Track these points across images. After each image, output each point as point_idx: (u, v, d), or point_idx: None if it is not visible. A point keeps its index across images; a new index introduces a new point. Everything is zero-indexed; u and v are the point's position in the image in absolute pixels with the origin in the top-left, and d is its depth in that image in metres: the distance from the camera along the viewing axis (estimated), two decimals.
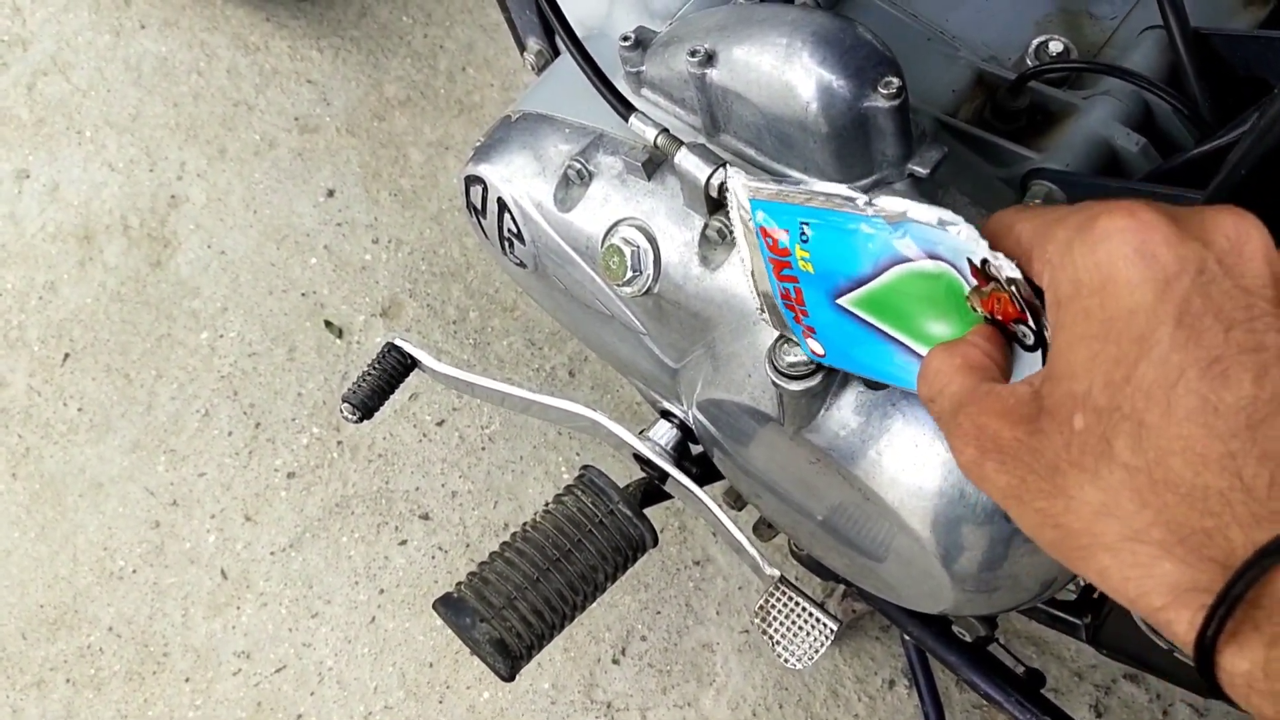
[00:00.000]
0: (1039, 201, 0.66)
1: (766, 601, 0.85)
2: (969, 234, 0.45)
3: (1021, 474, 0.41)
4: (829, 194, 0.50)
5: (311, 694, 1.37)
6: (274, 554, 1.44)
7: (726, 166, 0.64)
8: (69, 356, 1.56)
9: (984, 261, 0.45)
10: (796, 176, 0.65)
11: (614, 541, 0.81)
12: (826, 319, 0.55)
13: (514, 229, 0.79)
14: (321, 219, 1.62)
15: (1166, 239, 0.38)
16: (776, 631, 0.85)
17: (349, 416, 0.88)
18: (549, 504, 0.83)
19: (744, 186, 0.54)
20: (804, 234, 0.52)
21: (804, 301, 0.55)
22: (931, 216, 0.46)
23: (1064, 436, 0.40)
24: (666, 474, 0.83)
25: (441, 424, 1.49)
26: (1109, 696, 1.29)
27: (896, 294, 0.50)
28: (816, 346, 0.58)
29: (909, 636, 0.98)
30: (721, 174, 0.64)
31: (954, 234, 0.45)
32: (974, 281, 0.46)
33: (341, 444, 1.49)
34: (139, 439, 1.50)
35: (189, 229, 1.62)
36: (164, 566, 1.44)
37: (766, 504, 0.83)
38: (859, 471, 0.64)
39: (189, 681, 1.38)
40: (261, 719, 1.36)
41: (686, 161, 0.65)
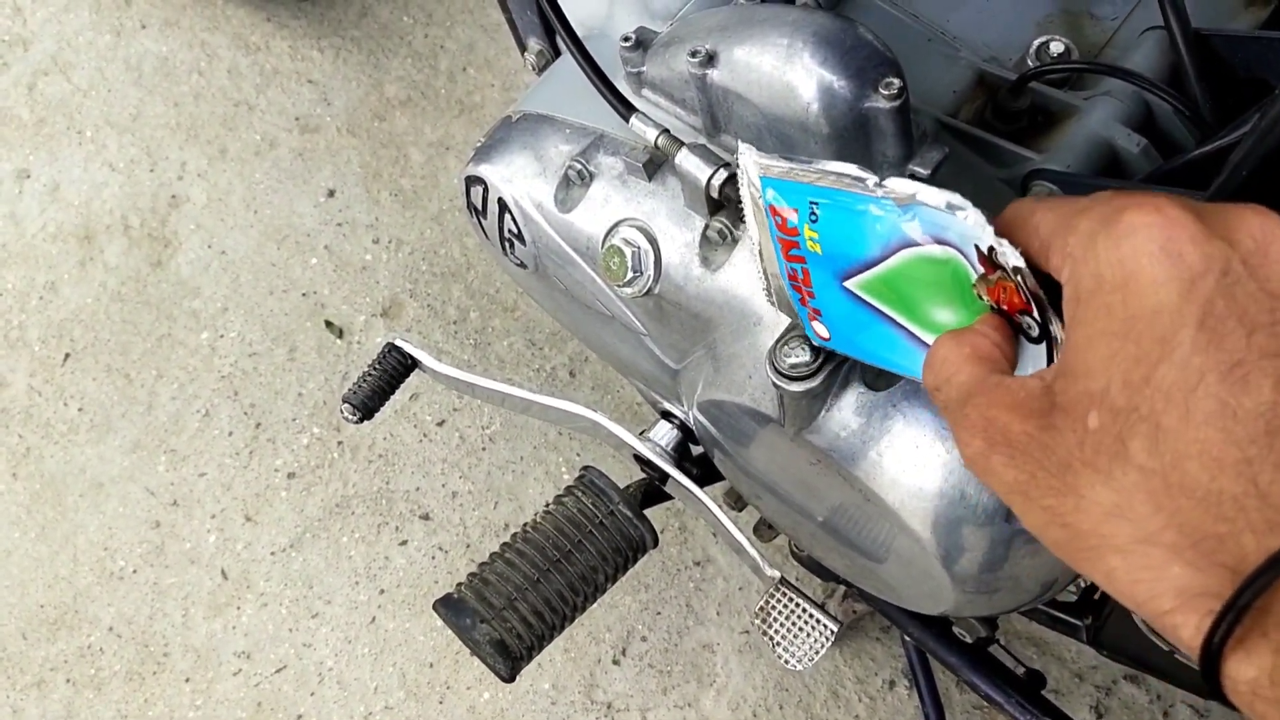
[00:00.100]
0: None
1: (767, 602, 0.85)
2: (976, 219, 0.45)
3: (1030, 470, 0.40)
4: (840, 173, 0.49)
5: (312, 694, 1.37)
6: (274, 554, 1.44)
7: (739, 144, 0.64)
8: (69, 356, 1.56)
9: (991, 249, 0.44)
10: (807, 155, 0.64)
11: (614, 542, 0.81)
12: (833, 302, 0.55)
13: (514, 229, 0.79)
14: (322, 219, 1.62)
15: (1193, 237, 0.38)
16: (777, 632, 0.85)
17: (349, 417, 0.88)
18: (549, 505, 0.83)
19: (755, 163, 0.53)
20: (813, 214, 0.51)
21: (811, 283, 0.55)
22: (940, 200, 0.46)
23: (1077, 434, 0.39)
24: (667, 475, 0.83)
25: (442, 424, 1.49)
26: (1110, 698, 1.29)
27: (903, 279, 0.50)
28: (822, 330, 0.58)
29: (909, 637, 0.97)
30: (723, 174, 0.64)
31: (962, 219, 0.45)
32: (981, 269, 0.46)
33: (342, 444, 1.49)
34: (139, 439, 1.50)
35: (189, 229, 1.62)
36: (164, 566, 1.44)
37: (767, 505, 0.83)
38: (859, 472, 0.64)
39: (189, 681, 1.38)
40: (262, 719, 1.36)
41: (687, 162, 0.65)
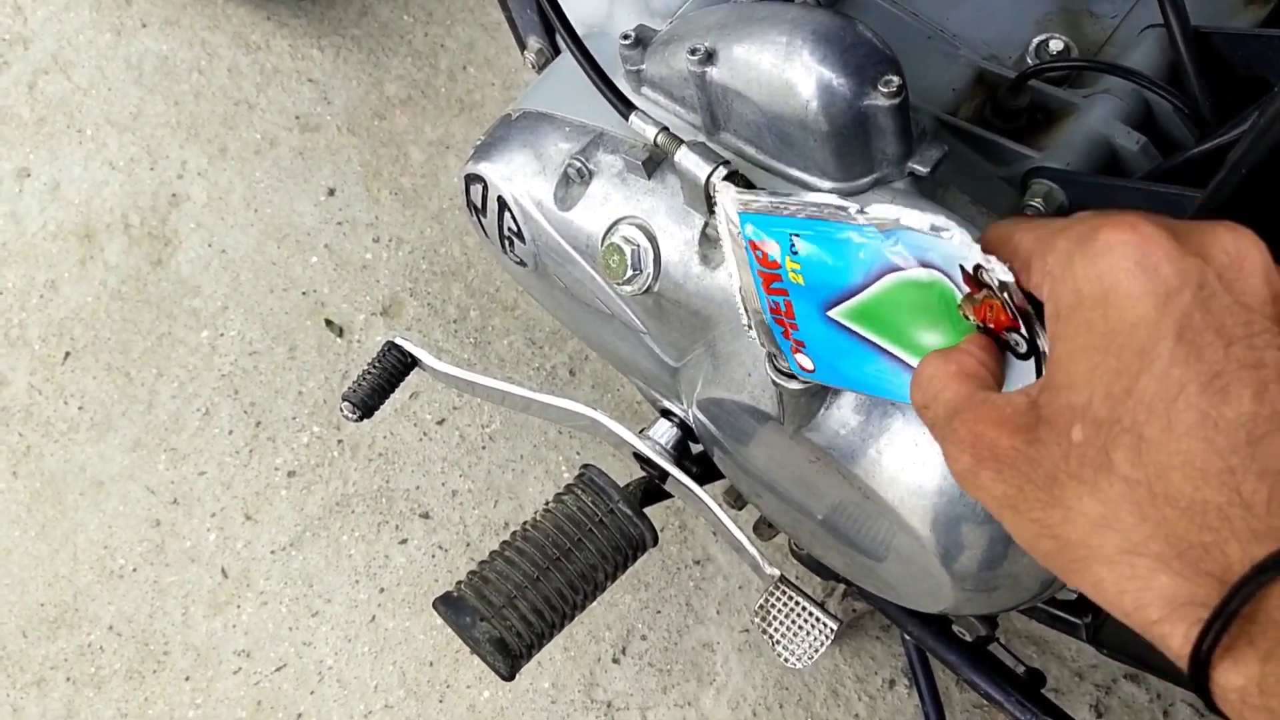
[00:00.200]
0: (1039, 200, 0.65)
1: (767, 601, 0.85)
2: (962, 239, 0.45)
3: (1018, 484, 0.41)
4: (821, 204, 0.49)
5: (311, 693, 1.37)
6: (274, 553, 1.44)
7: (715, 181, 0.63)
8: (70, 355, 1.56)
9: (976, 267, 0.44)
10: (786, 188, 0.64)
11: (614, 540, 0.81)
12: (816, 332, 0.54)
13: (514, 227, 0.79)
14: (322, 218, 1.62)
15: (1168, 253, 0.38)
16: (777, 631, 0.85)
17: (349, 415, 0.88)
18: (549, 503, 0.83)
19: (733, 200, 0.53)
20: (794, 246, 0.51)
21: (794, 315, 0.54)
22: (924, 223, 0.46)
23: (1062, 448, 0.39)
24: (667, 473, 0.83)
25: (442, 423, 1.49)
26: (1109, 696, 1.29)
27: (888, 304, 0.50)
28: (805, 362, 0.57)
29: (909, 636, 0.97)
30: (723, 171, 0.64)
31: (947, 239, 0.45)
32: (966, 289, 0.46)
33: (342, 443, 1.49)
34: (139, 437, 1.51)
35: (190, 228, 1.62)
36: (164, 565, 1.44)
37: (766, 503, 0.83)
38: (859, 470, 0.64)
39: (189, 680, 1.38)
40: (262, 718, 1.36)
41: (686, 160, 0.65)
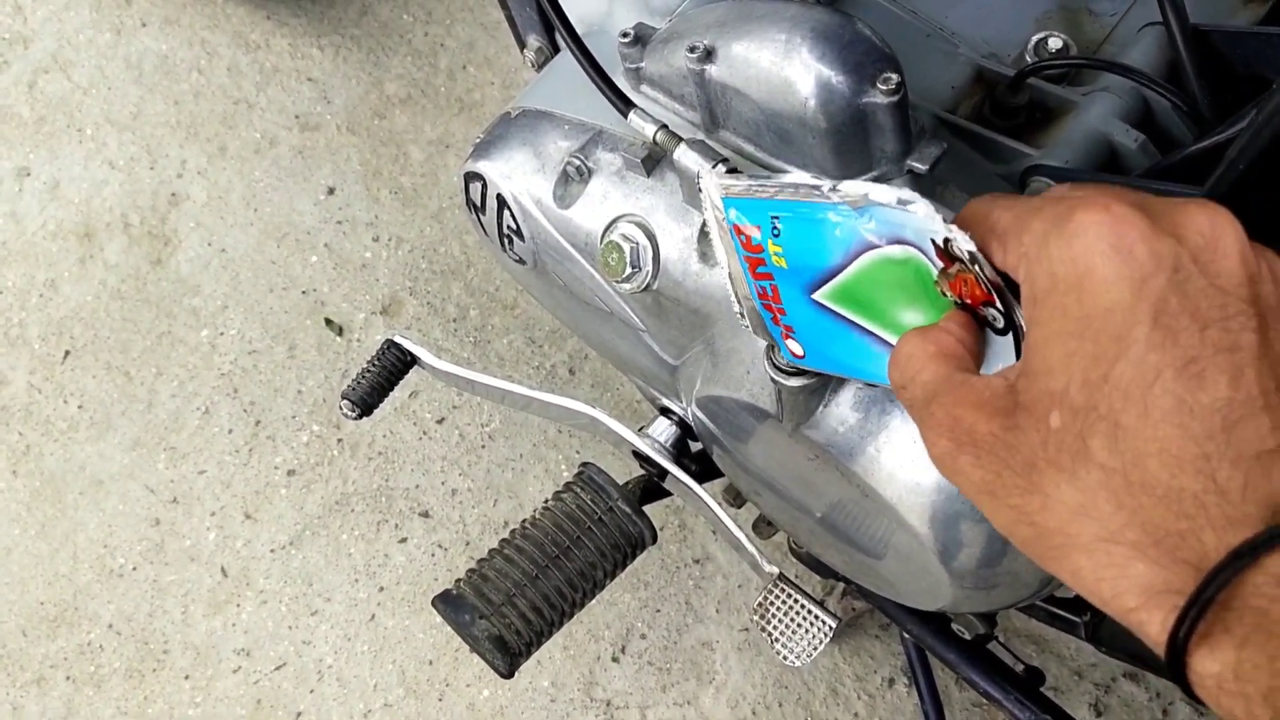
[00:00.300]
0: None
1: (766, 599, 0.85)
2: (926, 211, 0.45)
3: (997, 469, 0.41)
4: (796, 184, 0.50)
5: (311, 691, 1.37)
6: (274, 551, 1.44)
7: (700, 170, 0.63)
8: (69, 354, 1.56)
9: (946, 241, 0.44)
10: (766, 172, 0.64)
11: (613, 539, 0.81)
12: (803, 316, 0.55)
13: (513, 225, 0.79)
14: (322, 217, 1.62)
15: (1142, 235, 0.38)
16: (776, 629, 0.85)
17: (349, 414, 0.88)
18: (548, 501, 0.83)
19: (716, 185, 0.53)
20: (775, 228, 0.52)
21: (780, 299, 0.55)
22: (891, 197, 0.46)
23: (1040, 434, 0.39)
24: (666, 471, 0.83)
25: (441, 422, 1.49)
26: (1109, 695, 1.29)
27: (868, 283, 0.50)
28: (796, 347, 0.58)
29: (908, 634, 0.98)
30: (722, 169, 0.64)
31: (913, 212, 0.45)
32: (940, 263, 0.46)
33: (341, 441, 1.49)
34: (139, 436, 1.51)
35: (189, 227, 1.62)
36: (164, 564, 1.44)
37: (766, 501, 0.83)
38: (857, 468, 0.64)
39: (189, 679, 1.38)
40: (261, 716, 1.36)
41: (685, 157, 0.65)
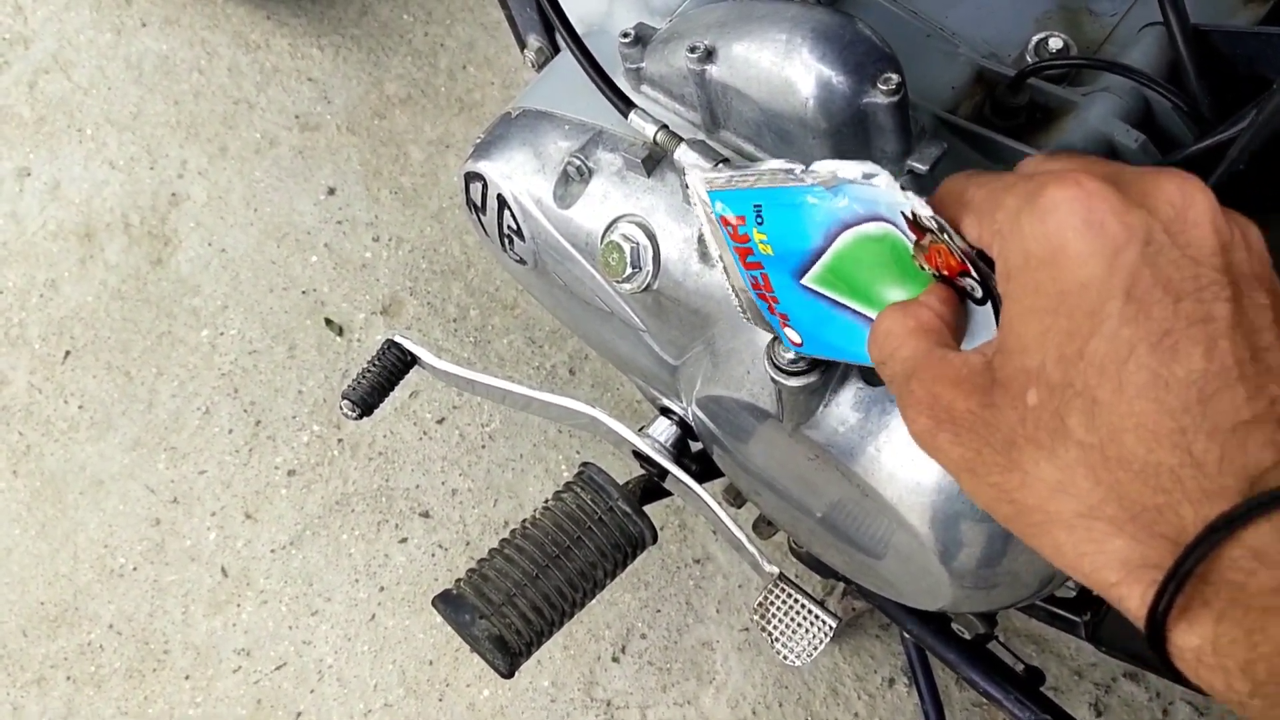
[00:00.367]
0: None
1: (766, 599, 0.85)
2: (888, 182, 0.45)
3: (976, 447, 0.41)
4: (773, 170, 0.50)
5: (311, 691, 1.37)
6: (274, 551, 1.44)
7: (685, 166, 0.64)
8: (70, 354, 1.56)
9: (914, 212, 0.45)
10: (747, 162, 0.64)
11: (613, 538, 0.81)
12: (795, 302, 0.55)
13: (514, 225, 0.79)
14: (322, 217, 1.62)
15: (1113, 208, 0.38)
16: (776, 629, 0.85)
17: (349, 414, 0.88)
18: (548, 500, 0.83)
19: (701, 180, 0.54)
20: (759, 216, 0.52)
21: (772, 287, 0.55)
22: (856, 172, 0.46)
23: (1018, 411, 0.39)
24: (666, 471, 0.83)
25: (442, 422, 1.49)
26: (1109, 695, 1.29)
27: (850, 263, 0.50)
28: (794, 335, 0.58)
29: (908, 634, 0.97)
30: (723, 169, 0.64)
31: (877, 185, 0.45)
32: (913, 236, 0.46)
33: (342, 442, 1.49)
34: (139, 436, 1.51)
35: (190, 227, 1.62)
36: (164, 564, 1.44)
37: (766, 501, 0.83)
38: (857, 468, 0.64)
39: (189, 679, 1.38)
40: (262, 716, 1.36)
41: (686, 158, 0.65)
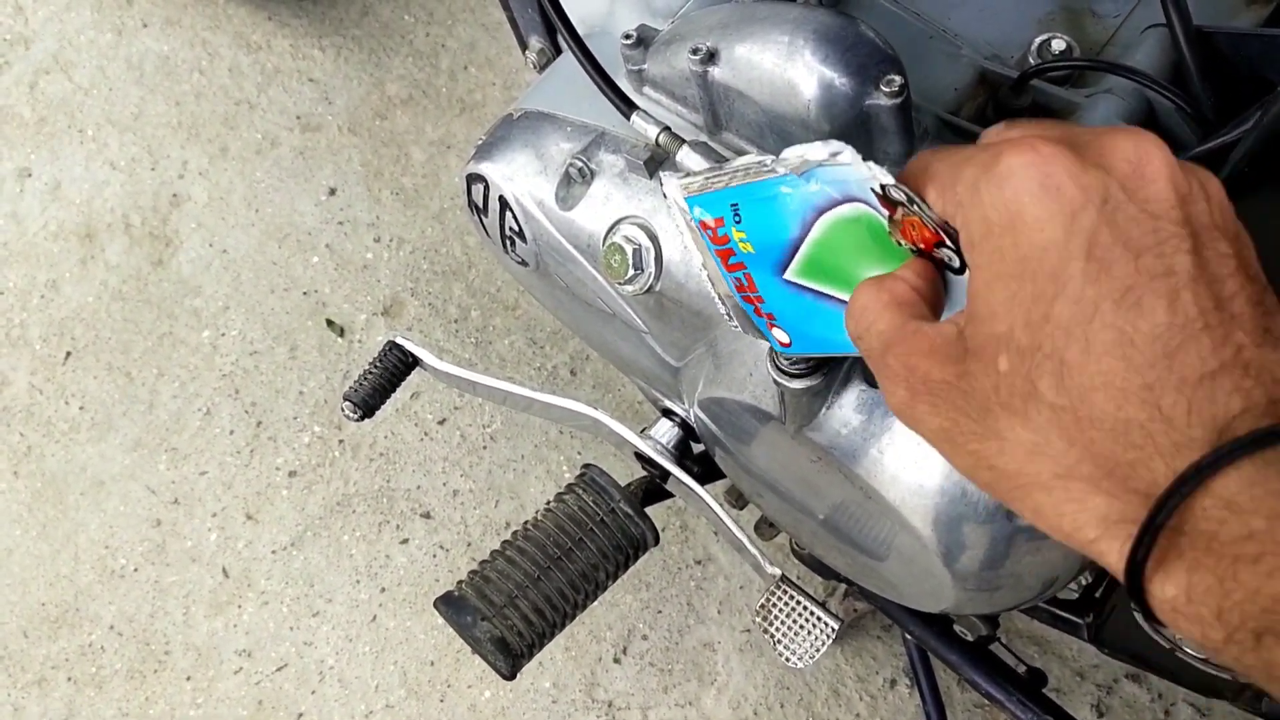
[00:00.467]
0: None
1: (768, 600, 0.85)
2: (853, 157, 0.45)
3: (953, 416, 0.41)
4: (745, 166, 0.50)
5: (313, 692, 1.37)
6: (275, 552, 1.44)
7: (661, 175, 0.64)
8: (70, 355, 1.56)
9: (883, 186, 0.45)
10: (719, 164, 0.64)
11: (615, 540, 0.81)
12: (779, 299, 0.55)
13: (516, 227, 0.79)
14: (323, 218, 1.62)
15: (1069, 170, 0.38)
16: (778, 630, 0.85)
17: (350, 415, 0.88)
18: (550, 502, 0.83)
19: (677, 187, 0.54)
20: (736, 215, 0.52)
21: (756, 287, 0.55)
22: (824, 152, 0.46)
23: (991, 378, 0.40)
24: (668, 473, 0.83)
25: (443, 423, 1.49)
26: (1111, 696, 1.29)
27: (829, 249, 0.50)
28: (781, 335, 0.58)
29: (910, 635, 0.97)
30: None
31: (844, 161, 0.46)
32: (885, 211, 0.46)
33: (343, 442, 1.49)
34: (140, 437, 1.51)
35: (191, 228, 1.62)
36: (165, 565, 1.44)
37: (768, 503, 0.83)
38: (860, 470, 0.64)
39: (190, 680, 1.38)
40: (263, 717, 1.36)
41: (688, 159, 0.65)
